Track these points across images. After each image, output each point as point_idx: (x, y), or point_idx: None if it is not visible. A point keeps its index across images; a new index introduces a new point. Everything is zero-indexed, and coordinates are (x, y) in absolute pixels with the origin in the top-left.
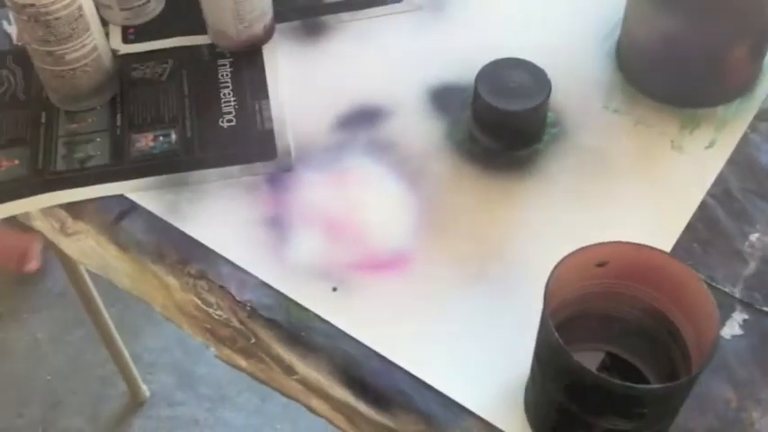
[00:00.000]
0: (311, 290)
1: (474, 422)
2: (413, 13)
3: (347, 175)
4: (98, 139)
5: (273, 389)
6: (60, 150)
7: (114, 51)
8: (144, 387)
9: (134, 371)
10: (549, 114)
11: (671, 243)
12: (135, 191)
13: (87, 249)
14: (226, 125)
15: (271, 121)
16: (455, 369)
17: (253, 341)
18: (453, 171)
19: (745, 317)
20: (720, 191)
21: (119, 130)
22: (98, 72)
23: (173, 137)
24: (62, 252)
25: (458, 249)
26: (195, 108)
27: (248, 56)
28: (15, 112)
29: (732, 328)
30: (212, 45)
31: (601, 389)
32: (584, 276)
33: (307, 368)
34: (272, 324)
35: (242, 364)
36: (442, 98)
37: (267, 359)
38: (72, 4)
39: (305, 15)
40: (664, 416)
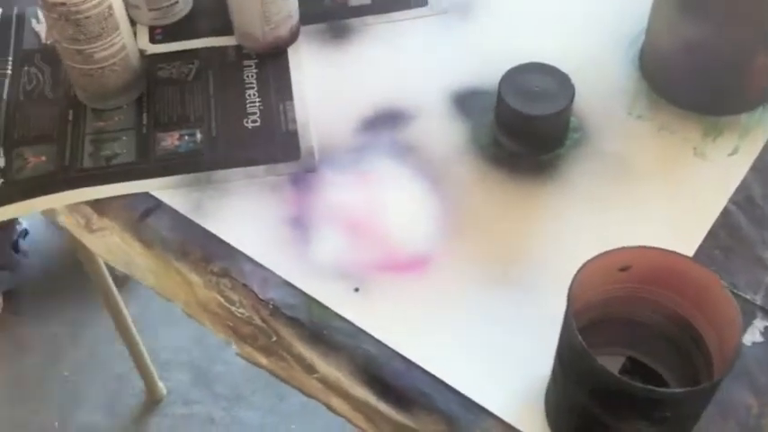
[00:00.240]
0: (333, 289)
1: (494, 423)
2: (438, 16)
3: (370, 177)
4: (124, 138)
5: (294, 387)
6: (87, 148)
7: (141, 51)
8: (161, 385)
9: (151, 368)
10: (573, 119)
11: (693, 249)
12: (160, 189)
13: (112, 246)
14: (250, 125)
15: (295, 122)
16: (476, 370)
17: (274, 339)
18: (476, 174)
19: (767, 324)
20: (743, 198)
21: (145, 129)
22: (126, 71)
23: (198, 136)
24: (83, 250)
25: (479, 252)
26: (220, 108)
27: (273, 57)
28: (43, 109)
29: (753, 335)
30: (238, 46)
31: (624, 392)
32: (607, 280)
33: (327, 367)
34: (293, 323)
35: (263, 361)
36: (465, 102)
37: (288, 357)
38: (102, 4)
39: (330, 18)
40: (686, 421)
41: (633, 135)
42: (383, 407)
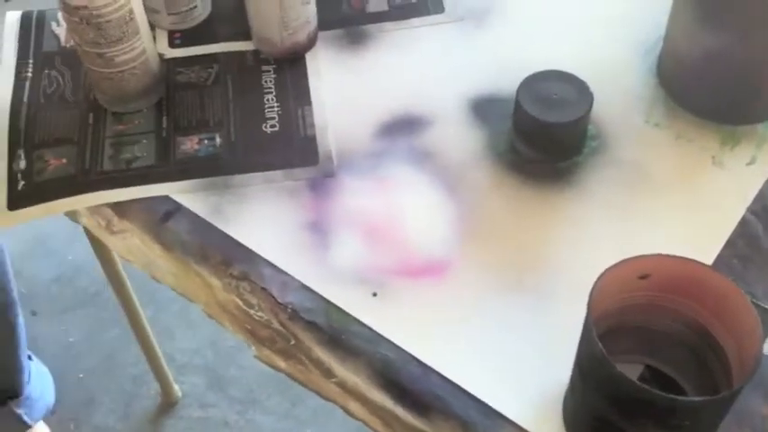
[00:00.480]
0: (351, 294)
1: (512, 430)
2: (455, 23)
3: (388, 182)
4: (144, 141)
5: (311, 390)
6: (107, 151)
7: (160, 55)
8: (176, 388)
9: (167, 371)
10: (590, 127)
11: (711, 258)
12: (180, 192)
13: (132, 247)
14: (269, 130)
15: (313, 127)
16: (493, 376)
17: (293, 343)
18: (493, 181)
19: None
20: (761, 207)
21: (164, 132)
22: (146, 75)
23: (217, 140)
24: (101, 252)
25: (497, 258)
26: (239, 113)
27: (291, 63)
28: (64, 112)
29: None
30: (256, 51)
31: (643, 400)
32: (626, 288)
33: (345, 371)
34: (312, 327)
35: (281, 364)
36: (483, 108)
37: (306, 361)
38: (123, 8)
39: (348, 24)
40: (703, 429)
41: (651, 143)
42: (400, 411)
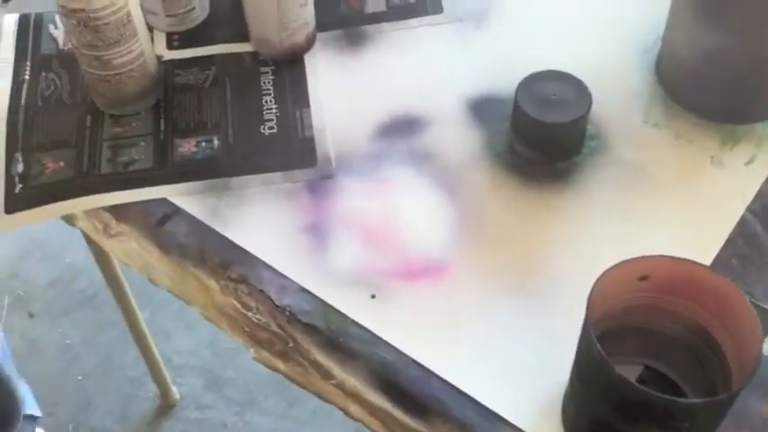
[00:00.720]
0: (350, 296)
1: None
2: (453, 24)
3: (387, 184)
4: (142, 144)
5: (310, 392)
6: (105, 153)
7: (158, 57)
8: (174, 389)
9: (165, 373)
10: (589, 127)
11: (710, 258)
12: (177, 195)
13: (130, 251)
14: (267, 132)
15: (311, 128)
16: (492, 378)
17: (291, 345)
18: (492, 182)
19: None
20: (760, 207)
21: (162, 135)
22: (144, 77)
23: (215, 143)
24: (99, 254)
25: (496, 259)
26: (237, 115)
27: (290, 64)
28: (61, 114)
29: None
30: (254, 53)
31: (642, 402)
32: (626, 289)
33: (344, 374)
34: (310, 329)
35: (280, 366)
36: (481, 109)
37: (305, 363)
38: (121, 10)
39: (346, 25)
40: (703, 431)
41: (650, 143)
42: (399, 413)
